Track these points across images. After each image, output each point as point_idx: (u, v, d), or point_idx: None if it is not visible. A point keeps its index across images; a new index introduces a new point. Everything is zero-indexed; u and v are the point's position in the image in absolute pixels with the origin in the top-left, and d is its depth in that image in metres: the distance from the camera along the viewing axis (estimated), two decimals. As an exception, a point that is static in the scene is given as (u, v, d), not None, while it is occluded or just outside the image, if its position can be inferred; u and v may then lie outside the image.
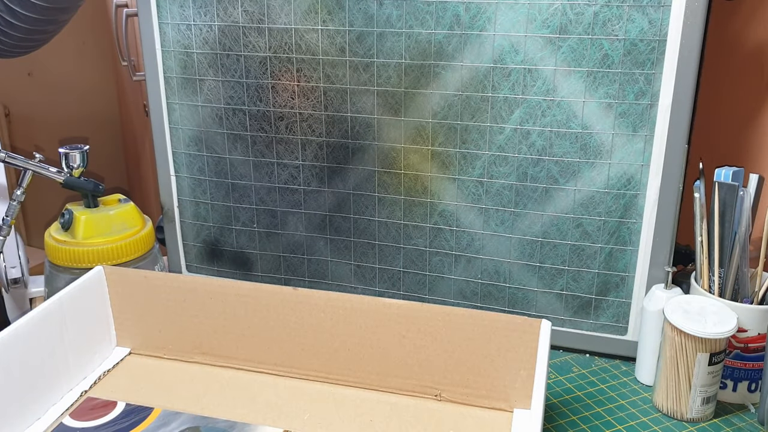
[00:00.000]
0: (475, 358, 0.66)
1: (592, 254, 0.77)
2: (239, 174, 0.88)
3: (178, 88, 0.87)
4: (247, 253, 0.92)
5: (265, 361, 0.72)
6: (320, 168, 0.84)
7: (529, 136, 0.75)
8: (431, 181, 0.80)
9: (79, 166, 0.82)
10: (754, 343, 0.70)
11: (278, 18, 0.79)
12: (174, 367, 0.73)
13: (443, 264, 0.83)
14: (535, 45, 0.72)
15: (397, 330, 0.67)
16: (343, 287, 0.89)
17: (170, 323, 0.73)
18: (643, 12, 0.68)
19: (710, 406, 0.70)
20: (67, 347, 0.69)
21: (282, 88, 0.82)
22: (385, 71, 0.78)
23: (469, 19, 0.73)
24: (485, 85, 0.75)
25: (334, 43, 0.78)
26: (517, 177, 0.77)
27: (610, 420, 0.70)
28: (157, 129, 0.90)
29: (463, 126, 0.77)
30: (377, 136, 0.81)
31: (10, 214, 0.83)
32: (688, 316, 0.68)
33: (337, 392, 0.69)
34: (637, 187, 0.74)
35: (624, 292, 0.78)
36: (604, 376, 0.78)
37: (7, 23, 0.83)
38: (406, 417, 0.66)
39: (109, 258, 0.80)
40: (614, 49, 0.70)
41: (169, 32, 0.84)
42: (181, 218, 0.93)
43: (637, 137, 0.72)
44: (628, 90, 0.71)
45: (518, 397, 0.66)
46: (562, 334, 0.81)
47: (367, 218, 0.85)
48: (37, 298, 0.93)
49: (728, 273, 0.71)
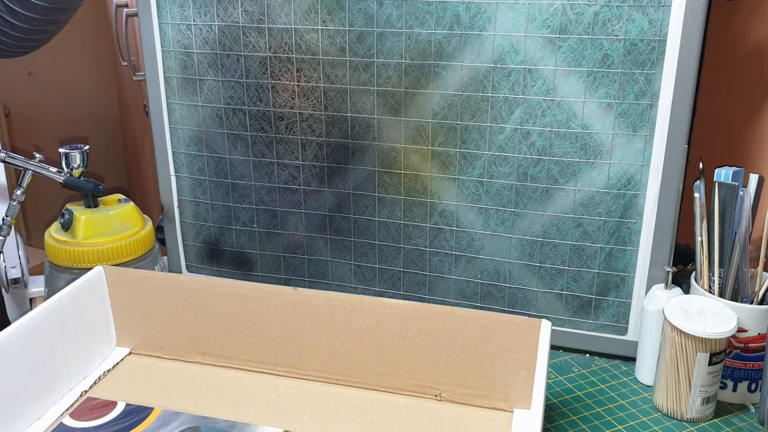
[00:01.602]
0: (475, 358, 0.66)
1: (592, 254, 0.77)
2: (239, 174, 0.88)
3: (178, 88, 0.87)
4: (247, 253, 0.92)
5: (265, 361, 0.72)
6: (320, 168, 0.84)
7: (529, 136, 0.75)
8: (431, 181, 0.80)
9: (79, 166, 0.82)
10: (754, 343, 0.70)
11: (278, 18, 0.79)
12: (174, 367, 0.73)
13: (443, 264, 0.83)
14: (535, 45, 0.72)
15: (397, 330, 0.67)
16: (343, 287, 0.89)
17: (170, 323, 0.73)
18: (643, 12, 0.68)
19: (710, 406, 0.70)
20: (67, 347, 0.69)
21: (282, 88, 0.82)
22: (385, 71, 0.78)
23: (469, 19, 0.73)
24: (485, 85, 0.75)
25: (334, 43, 0.78)
26: (517, 177, 0.77)
27: (610, 420, 0.70)
28: (157, 129, 0.90)
29: (463, 126, 0.77)
30: (377, 136, 0.81)
31: (10, 214, 0.83)
32: (688, 316, 0.68)
33: (337, 392, 0.69)
34: (637, 187, 0.74)
35: (624, 292, 0.78)
36: (604, 376, 0.78)
37: (7, 23, 0.83)
38: (406, 417, 0.66)
39: (109, 258, 0.80)
40: (614, 49, 0.70)
41: (169, 32, 0.84)
42: (181, 218, 0.93)
43: (637, 137, 0.72)
44: (628, 90, 0.71)
45: (518, 397, 0.66)
46: (562, 334, 0.81)
47: (367, 218, 0.85)
48: (37, 298, 0.93)
49: (728, 273, 0.71)
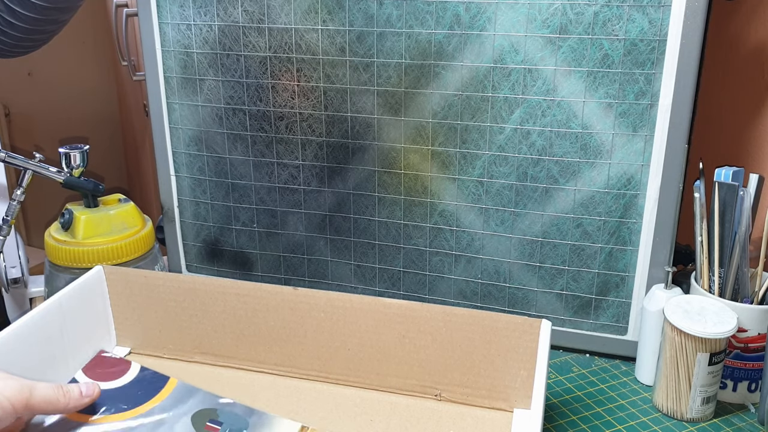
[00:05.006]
0: (475, 358, 0.66)
1: (592, 254, 0.77)
2: (239, 174, 0.88)
3: (178, 88, 0.87)
4: (247, 253, 0.92)
5: (265, 361, 0.72)
6: (320, 168, 0.84)
7: (529, 136, 0.75)
8: (431, 181, 0.80)
9: (79, 166, 0.82)
10: (754, 343, 0.70)
11: (278, 18, 0.79)
12: (174, 366, 0.73)
13: (443, 264, 0.83)
14: (535, 45, 0.72)
15: (397, 330, 0.67)
16: (343, 287, 0.89)
17: (170, 323, 0.73)
18: (643, 12, 0.68)
19: (710, 406, 0.70)
20: (67, 347, 0.69)
21: (282, 88, 0.82)
22: (385, 71, 0.78)
23: (469, 19, 0.73)
24: (485, 85, 0.75)
25: (334, 43, 0.78)
26: (517, 177, 0.77)
27: (610, 420, 0.70)
28: (157, 129, 0.90)
29: (463, 126, 0.77)
30: (377, 136, 0.81)
31: (10, 214, 0.82)
32: (688, 316, 0.68)
33: (337, 392, 0.69)
34: (637, 187, 0.74)
35: (624, 292, 0.78)
36: (604, 376, 0.78)
37: (7, 23, 0.83)
38: (406, 417, 0.66)
39: (109, 258, 0.80)
40: (614, 49, 0.70)
41: (169, 32, 0.84)
42: (181, 218, 0.93)
43: (637, 137, 0.72)
44: (628, 90, 0.71)
45: (518, 397, 0.66)
46: (562, 334, 0.81)
47: (367, 218, 0.85)
48: (37, 298, 0.93)
49: (728, 273, 0.71)
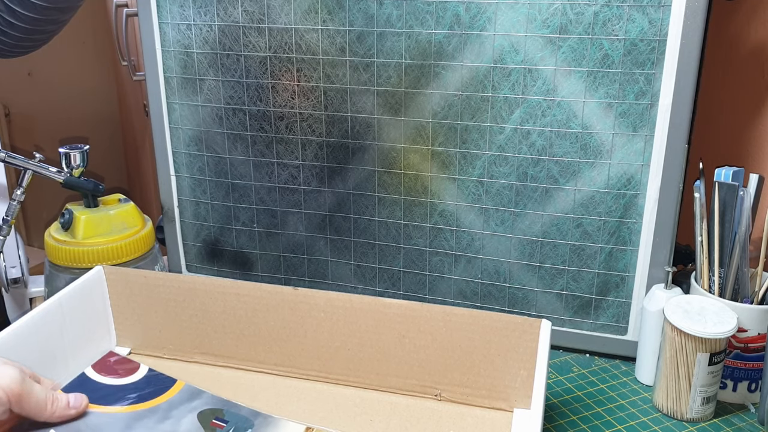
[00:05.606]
0: (475, 358, 0.66)
1: (592, 254, 0.77)
2: (239, 174, 0.88)
3: (178, 88, 0.87)
4: (247, 253, 0.92)
5: (265, 361, 0.72)
6: (320, 168, 0.84)
7: (529, 136, 0.75)
8: (431, 181, 0.80)
9: (79, 166, 0.82)
10: (754, 343, 0.70)
11: (278, 18, 0.79)
12: (174, 366, 0.73)
13: (443, 264, 0.83)
14: (535, 45, 0.72)
15: (397, 330, 0.67)
16: (343, 287, 0.89)
17: (170, 323, 0.73)
18: (643, 12, 0.68)
19: (710, 406, 0.70)
20: (67, 347, 0.69)
21: (282, 88, 0.82)
22: (385, 71, 0.78)
23: (469, 19, 0.73)
24: (485, 85, 0.75)
25: (334, 43, 0.78)
26: (517, 177, 0.77)
27: (610, 420, 0.70)
28: (157, 129, 0.90)
29: (463, 126, 0.77)
30: (377, 136, 0.81)
31: (10, 214, 0.83)
32: (688, 316, 0.68)
33: (337, 392, 0.69)
34: (637, 187, 0.74)
35: (624, 292, 0.78)
36: (604, 376, 0.78)
37: (7, 23, 0.83)
38: (406, 417, 0.66)
39: (109, 258, 0.80)
40: (614, 49, 0.70)
41: (169, 32, 0.84)
42: (181, 218, 0.93)
43: (637, 137, 0.72)
44: (628, 90, 0.71)
45: (518, 397, 0.66)
46: (562, 334, 0.81)
47: (367, 218, 0.85)
48: (37, 298, 0.93)
49: (728, 273, 0.71)
